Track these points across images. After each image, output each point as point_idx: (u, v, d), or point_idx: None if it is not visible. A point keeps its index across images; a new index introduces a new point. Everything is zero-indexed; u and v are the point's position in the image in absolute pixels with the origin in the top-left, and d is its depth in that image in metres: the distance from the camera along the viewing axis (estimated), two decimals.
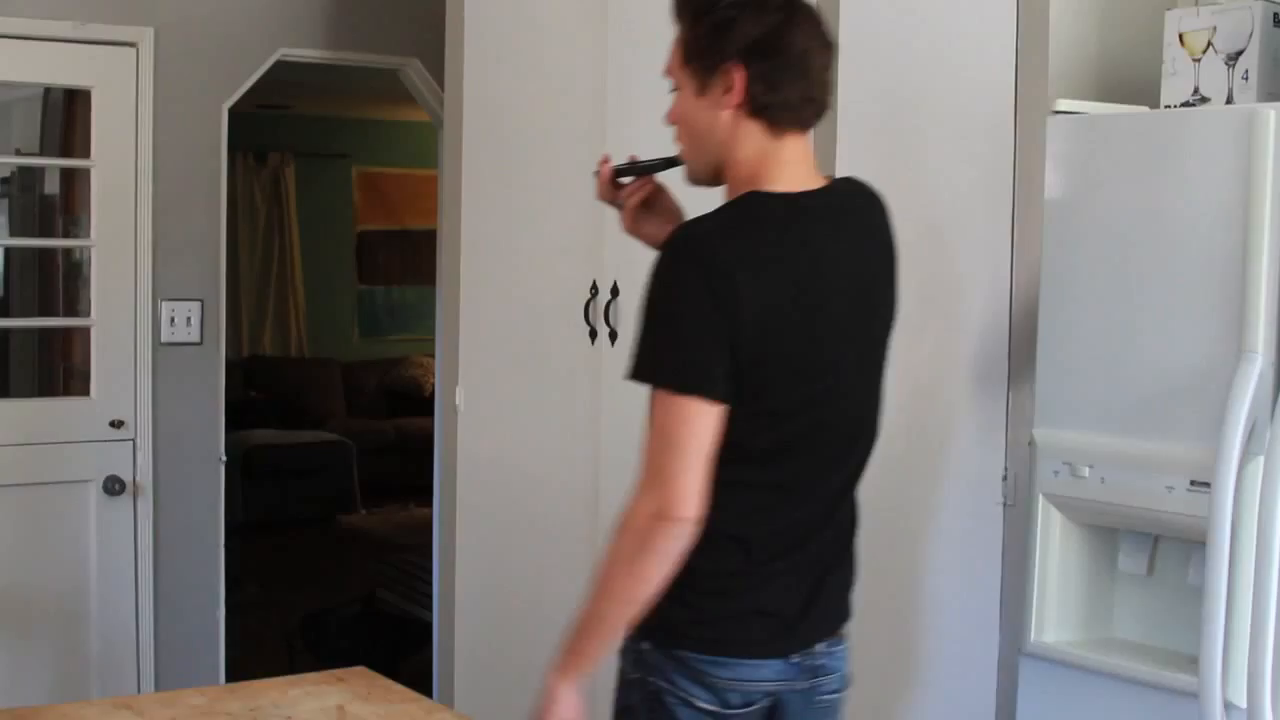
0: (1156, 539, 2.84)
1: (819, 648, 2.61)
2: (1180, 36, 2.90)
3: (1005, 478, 3.22)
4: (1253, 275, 2.54)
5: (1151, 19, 3.10)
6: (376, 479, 10.67)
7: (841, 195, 2.66)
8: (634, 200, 2.76)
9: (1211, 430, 2.58)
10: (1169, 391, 2.70)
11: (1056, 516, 2.90)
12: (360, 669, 2.91)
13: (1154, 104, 2.97)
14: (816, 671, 2.61)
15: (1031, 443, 2.92)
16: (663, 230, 2.64)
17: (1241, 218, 2.57)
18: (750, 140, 2.53)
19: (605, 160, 2.78)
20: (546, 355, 4.48)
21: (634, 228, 2.78)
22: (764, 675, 2.55)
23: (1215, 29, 2.85)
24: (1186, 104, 2.89)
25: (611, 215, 2.95)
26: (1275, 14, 2.81)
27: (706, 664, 2.52)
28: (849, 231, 2.62)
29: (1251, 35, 2.80)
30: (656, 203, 2.80)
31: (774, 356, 2.46)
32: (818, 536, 2.62)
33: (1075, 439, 2.85)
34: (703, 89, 2.53)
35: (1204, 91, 2.86)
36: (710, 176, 2.60)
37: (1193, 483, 2.65)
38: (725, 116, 2.52)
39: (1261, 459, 2.52)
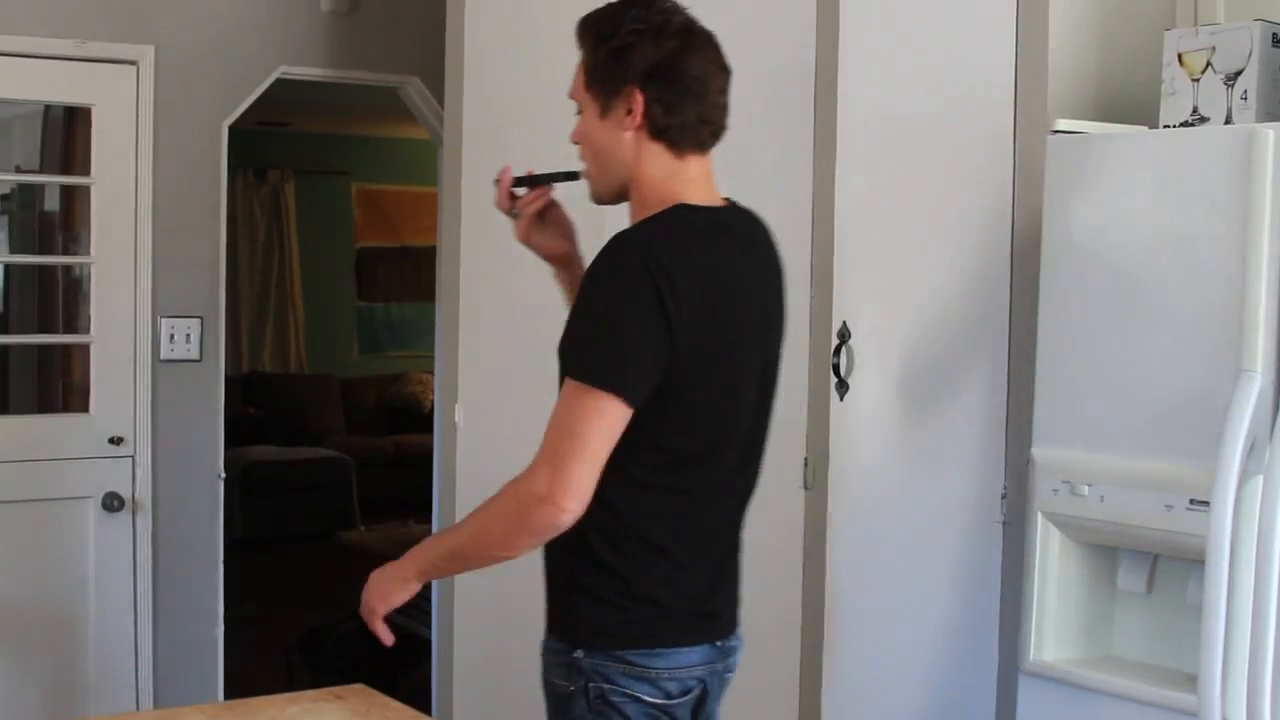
0: (1156, 557, 2.84)
1: (733, 633, 2.79)
2: (1179, 56, 2.91)
3: (1004, 496, 3.22)
4: (1252, 294, 2.55)
5: (1150, 39, 3.10)
6: (376, 495, 10.66)
7: (744, 216, 2.79)
8: (531, 209, 2.84)
9: (1211, 449, 2.58)
10: (1168, 410, 2.70)
11: (1056, 535, 2.90)
12: (359, 686, 2.91)
13: (1153, 124, 2.98)
14: (729, 654, 2.77)
15: (1030, 461, 2.92)
16: (554, 242, 2.85)
17: (1240, 237, 2.57)
18: (656, 160, 2.64)
19: (506, 170, 2.83)
20: (546, 373, 4.48)
21: (526, 237, 2.87)
22: (694, 661, 2.66)
23: (1214, 49, 2.86)
24: (1185, 124, 2.89)
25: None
26: (1274, 34, 2.81)
27: (644, 658, 2.61)
28: (756, 251, 2.76)
29: (1250, 55, 2.81)
30: (549, 215, 2.90)
31: (700, 361, 2.55)
32: (723, 539, 2.79)
33: (1074, 457, 2.85)
34: (605, 111, 2.65)
35: (1203, 111, 2.87)
36: (614, 195, 2.71)
37: (1192, 501, 2.65)
38: (628, 138, 2.64)
39: (1261, 478, 2.52)
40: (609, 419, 2.51)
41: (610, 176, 2.69)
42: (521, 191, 2.86)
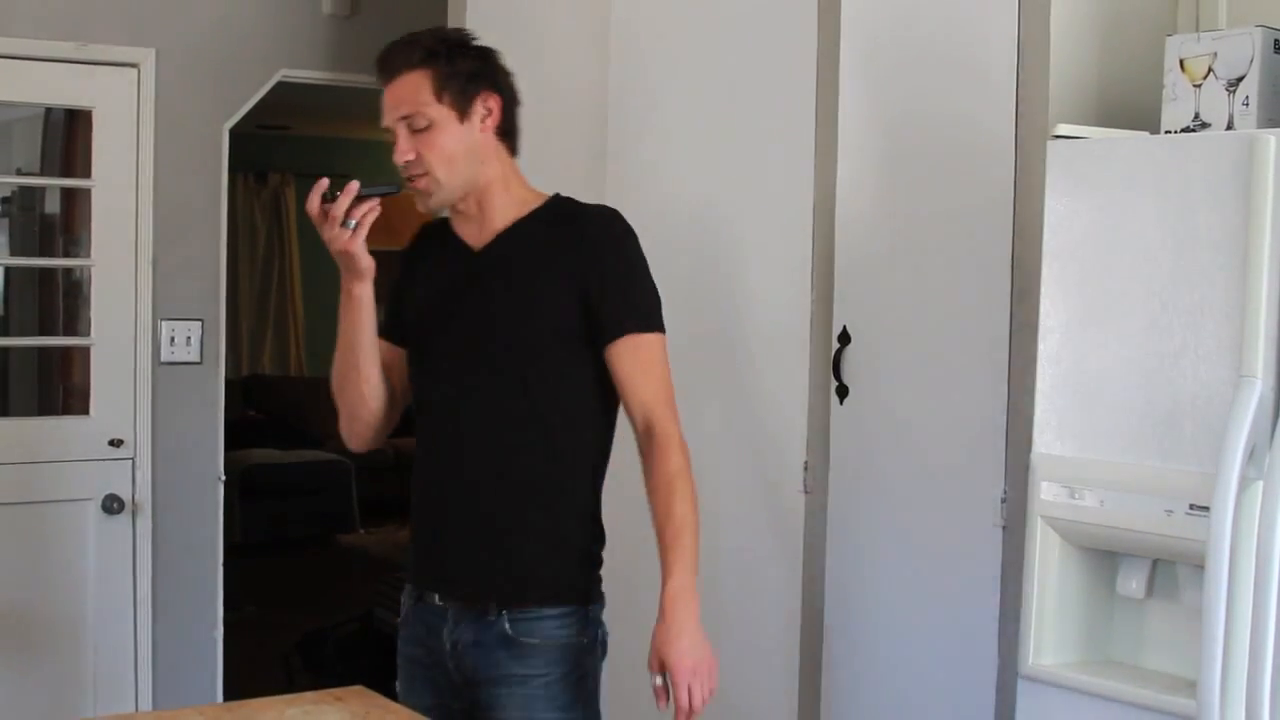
0: (1155, 562, 2.84)
1: None
2: (1181, 62, 2.91)
3: (1003, 500, 3.22)
4: (1253, 300, 2.55)
5: (1152, 45, 3.10)
6: (375, 498, 10.65)
7: None
8: (370, 220, 2.97)
9: (1211, 454, 2.58)
10: (1168, 415, 2.70)
11: (1055, 539, 2.90)
12: (358, 688, 2.90)
13: (1154, 129, 2.98)
14: None
15: (1030, 465, 2.92)
16: (362, 250, 3.01)
17: (1241, 243, 2.57)
18: (506, 159, 2.99)
19: (352, 185, 2.94)
20: None
21: (354, 247, 3.00)
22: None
23: (1216, 55, 2.86)
24: (1187, 129, 2.89)
25: None
26: (1276, 40, 2.81)
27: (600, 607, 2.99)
28: None
29: (1252, 61, 2.81)
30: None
31: None
32: None
33: (1074, 462, 2.85)
34: (463, 116, 2.91)
35: (1204, 117, 2.87)
36: (454, 198, 2.98)
37: (1192, 506, 2.65)
38: (484, 139, 2.94)
39: (1260, 483, 2.52)
40: None
41: (459, 179, 2.94)
42: (327, 204, 2.94)
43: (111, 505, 5.07)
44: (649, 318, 2.89)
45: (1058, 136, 2.93)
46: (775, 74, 3.82)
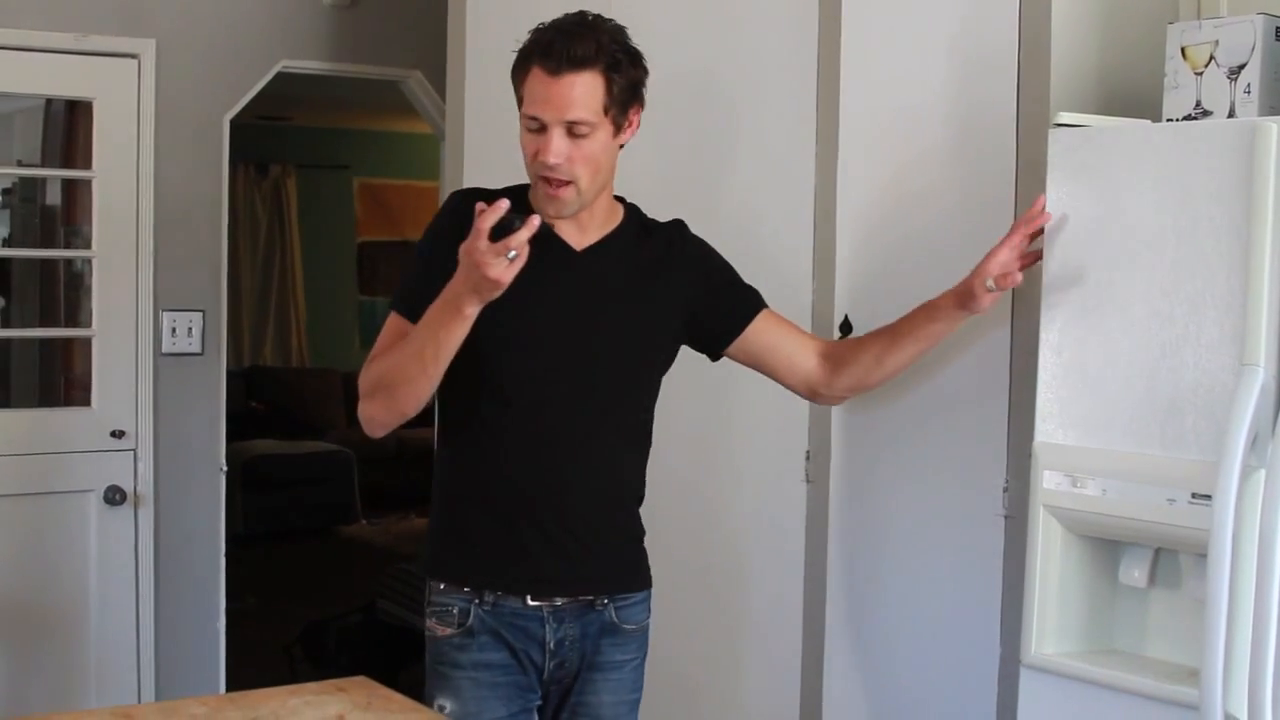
0: (1157, 551, 2.84)
1: None
2: (1182, 50, 2.90)
3: (1006, 489, 3.22)
4: (1254, 288, 2.54)
5: (1153, 32, 3.10)
6: (377, 489, 10.66)
7: None
8: (526, 253, 2.63)
9: (1213, 443, 2.58)
10: (1170, 404, 2.70)
11: (1057, 528, 2.89)
12: (360, 679, 2.90)
13: (1156, 117, 2.97)
14: None
15: (1032, 454, 2.92)
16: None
17: (1243, 231, 2.57)
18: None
19: (503, 204, 2.62)
20: None
21: (509, 276, 2.63)
22: None
23: (1217, 43, 2.85)
24: (1188, 117, 2.89)
25: None
26: (1277, 28, 2.81)
27: None
28: None
29: (1254, 49, 2.81)
30: None
31: None
32: None
33: (1076, 451, 2.85)
34: (618, 130, 2.86)
35: (1206, 105, 2.86)
36: (586, 208, 2.92)
37: (1194, 495, 2.64)
38: (617, 151, 2.91)
39: (1263, 472, 2.52)
40: None
41: (596, 190, 2.88)
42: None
43: (113, 496, 5.08)
44: (760, 295, 3.15)
45: (1059, 125, 2.93)
46: (775, 63, 3.81)
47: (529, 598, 2.94)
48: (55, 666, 5.06)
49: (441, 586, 2.99)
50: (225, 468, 5.38)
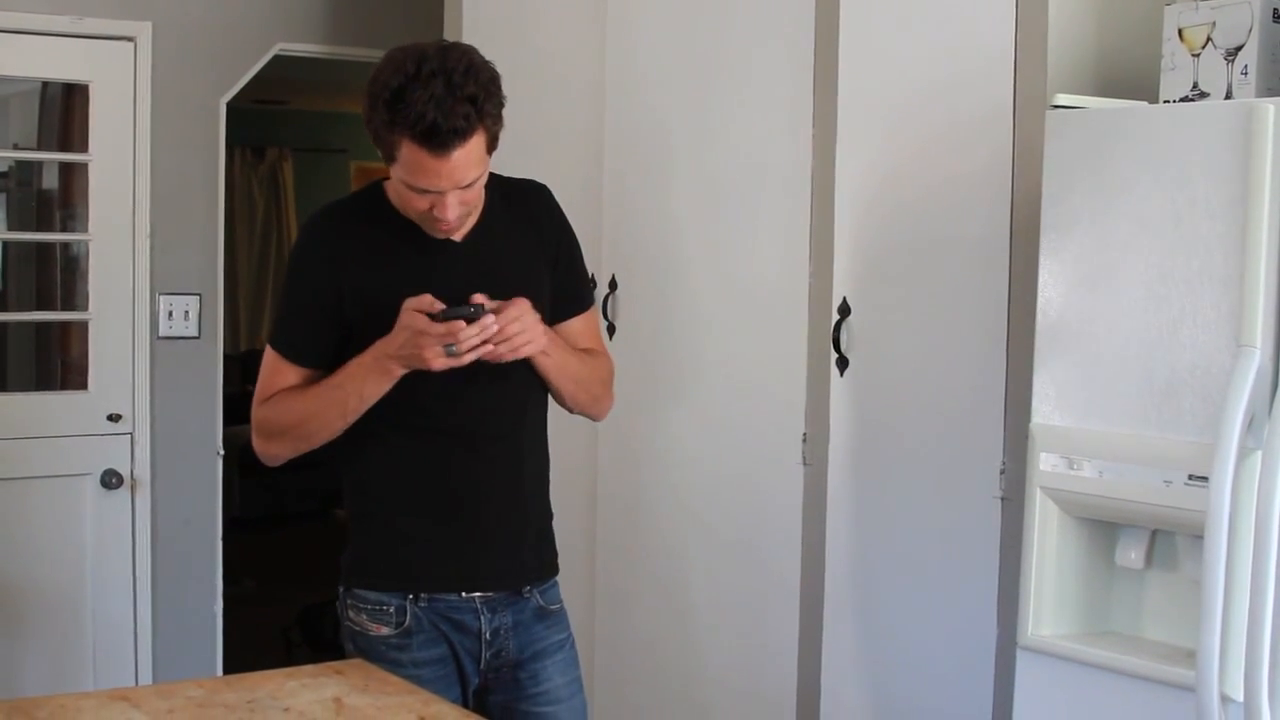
0: (1154, 533, 2.84)
1: None
2: (1179, 31, 2.90)
3: (1003, 471, 3.22)
4: (1251, 270, 2.54)
5: (1151, 14, 3.10)
6: None
7: None
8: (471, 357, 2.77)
9: (1210, 424, 2.58)
10: (1167, 385, 2.70)
11: (1054, 510, 2.90)
12: (357, 661, 2.91)
13: (1153, 99, 2.97)
14: None
15: (1029, 436, 2.92)
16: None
17: (1240, 212, 2.57)
18: None
19: (478, 298, 2.75)
20: None
21: (442, 366, 2.75)
22: None
23: (1214, 24, 2.85)
24: (1185, 99, 2.89)
25: (610, 209, 2.97)
26: (1275, 9, 2.80)
27: None
28: None
29: (1251, 30, 2.80)
30: None
31: None
32: None
33: (1073, 433, 2.85)
34: (492, 152, 2.80)
35: (1203, 87, 2.86)
36: None
37: (1191, 477, 2.65)
38: None
39: (1259, 453, 2.52)
40: None
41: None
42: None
43: (110, 480, 5.08)
44: (589, 296, 3.16)
45: (1056, 106, 2.93)
46: (773, 49, 3.80)
47: (461, 593, 2.97)
48: (53, 650, 5.06)
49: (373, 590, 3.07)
50: (222, 451, 5.38)
